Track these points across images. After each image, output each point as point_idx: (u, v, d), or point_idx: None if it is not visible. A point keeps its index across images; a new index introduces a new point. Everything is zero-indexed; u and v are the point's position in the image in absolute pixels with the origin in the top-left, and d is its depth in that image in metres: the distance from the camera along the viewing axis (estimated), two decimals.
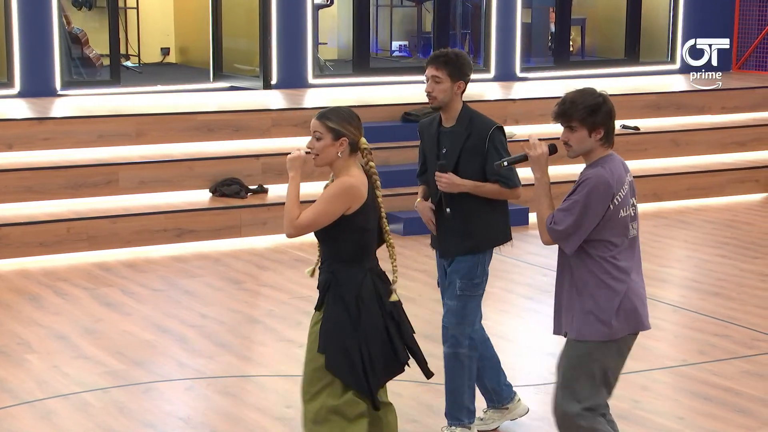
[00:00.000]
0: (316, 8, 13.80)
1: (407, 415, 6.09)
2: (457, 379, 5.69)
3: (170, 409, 6.30)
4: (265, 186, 10.52)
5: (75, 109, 11.15)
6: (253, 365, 7.08)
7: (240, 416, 6.18)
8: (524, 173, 5.60)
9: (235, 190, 10.33)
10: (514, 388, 6.07)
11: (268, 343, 7.52)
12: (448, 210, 5.59)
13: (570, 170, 8.65)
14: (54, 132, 10.29)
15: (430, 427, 5.99)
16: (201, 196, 10.34)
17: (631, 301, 4.74)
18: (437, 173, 5.56)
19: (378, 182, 4.71)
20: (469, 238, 5.60)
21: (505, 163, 5.04)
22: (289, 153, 4.66)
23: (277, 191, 10.42)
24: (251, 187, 10.46)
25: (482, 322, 7.06)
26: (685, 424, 6.11)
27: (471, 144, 5.54)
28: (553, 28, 15.60)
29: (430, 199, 5.73)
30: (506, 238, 5.78)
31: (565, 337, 4.80)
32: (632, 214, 4.74)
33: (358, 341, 4.59)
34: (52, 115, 10.79)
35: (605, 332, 4.68)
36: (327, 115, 4.63)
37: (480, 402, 5.97)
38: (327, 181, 4.74)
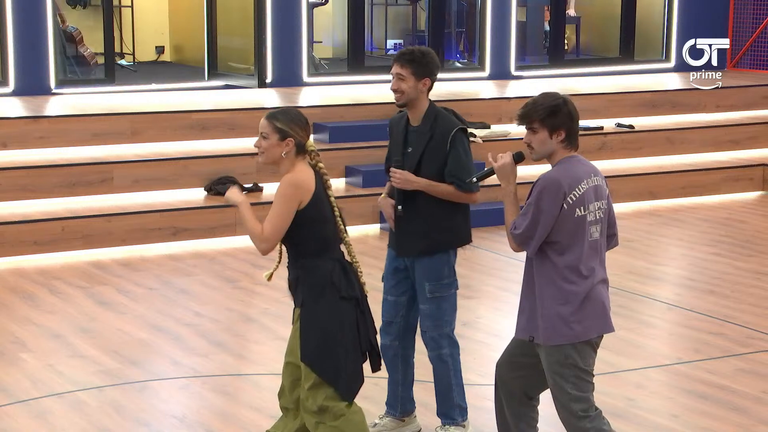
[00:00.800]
0: (311, 6, 13.80)
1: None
2: (444, 379, 5.69)
3: (165, 408, 6.30)
4: (260, 184, 10.52)
5: (69, 107, 11.14)
6: (248, 364, 7.08)
7: (235, 415, 6.18)
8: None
9: (230, 188, 10.31)
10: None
11: (263, 342, 7.52)
12: (399, 207, 5.58)
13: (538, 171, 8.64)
14: (48, 130, 10.29)
15: (425, 425, 5.99)
16: (196, 195, 10.33)
17: (594, 304, 4.73)
18: (392, 169, 5.56)
19: (329, 182, 4.81)
20: (424, 238, 5.54)
21: (475, 180, 5.09)
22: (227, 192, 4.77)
23: (272, 189, 10.42)
24: (246, 185, 10.45)
25: (476, 319, 7.06)
26: (680, 422, 6.12)
27: (433, 144, 5.51)
28: (547, 26, 15.61)
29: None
30: (465, 240, 5.69)
31: (530, 342, 4.81)
32: (597, 217, 4.74)
33: (336, 334, 4.69)
34: (47, 113, 10.79)
35: (572, 335, 4.70)
36: (276, 115, 4.73)
37: (425, 404, 5.98)
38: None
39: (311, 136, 4.81)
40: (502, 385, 5.00)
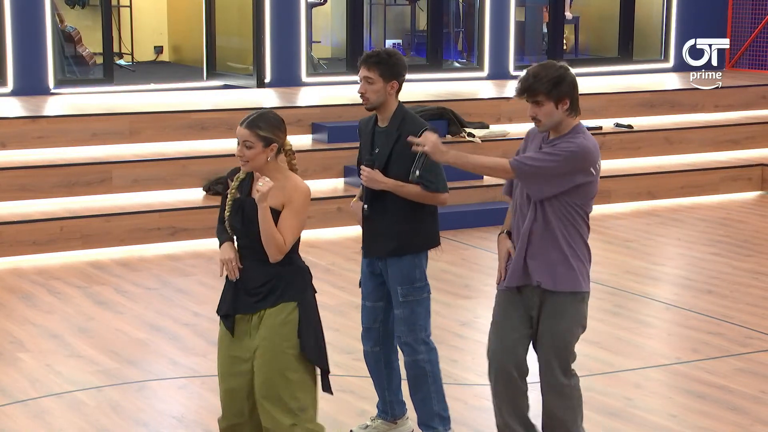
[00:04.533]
0: (310, 6, 13.80)
1: (357, 408, 6.07)
2: (423, 387, 5.58)
3: (163, 408, 6.30)
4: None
5: (68, 107, 11.14)
6: None
7: None
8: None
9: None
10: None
11: None
12: (365, 206, 5.54)
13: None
14: (47, 130, 10.29)
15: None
16: (195, 195, 10.33)
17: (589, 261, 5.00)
18: (362, 166, 5.50)
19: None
20: (392, 239, 5.47)
21: (417, 173, 5.09)
22: (259, 185, 4.62)
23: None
24: None
25: (474, 319, 7.05)
26: (678, 421, 6.12)
27: (400, 145, 5.41)
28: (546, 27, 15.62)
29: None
30: (433, 243, 5.60)
31: (537, 287, 4.89)
32: None
33: (321, 328, 4.76)
34: (46, 113, 10.78)
35: (587, 290, 4.92)
36: (256, 123, 4.68)
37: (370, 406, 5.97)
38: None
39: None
40: (503, 374, 4.99)
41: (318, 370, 4.75)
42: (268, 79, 12.85)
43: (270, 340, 4.65)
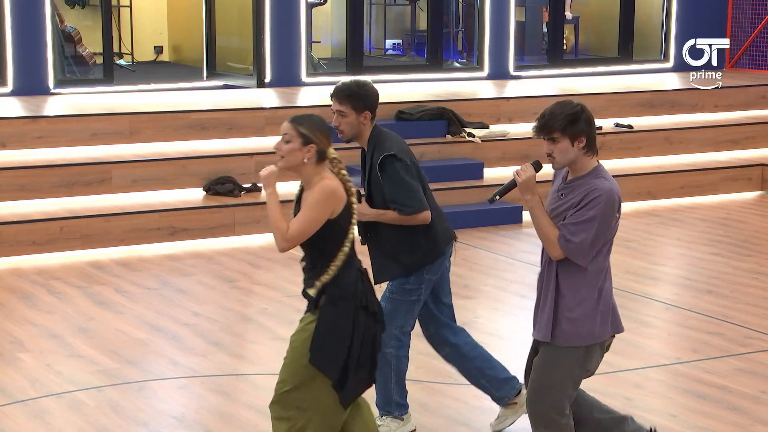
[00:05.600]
0: (310, 6, 13.80)
1: None
2: (386, 376, 5.71)
3: (163, 408, 6.30)
4: (258, 184, 10.52)
5: (68, 107, 11.13)
6: (246, 364, 7.07)
7: (233, 415, 6.17)
8: None
9: (228, 188, 10.32)
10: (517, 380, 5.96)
11: (261, 342, 7.52)
12: (360, 238, 5.60)
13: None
14: (47, 130, 10.29)
15: (424, 424, 5.99)
16: (194, 195, 10.33)
17: (607, 303, 4.81)
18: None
19: (353, 189, 4.74)
20: (395, 262, 5.58)
21: (498, 197, 5.00)
22: (263, 169, 4.68)
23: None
24: (245, 185, 10.45)
25: (474, 319, 7.06)
26: (678, 421, 6.12)
27: (373, 173, 5.54)
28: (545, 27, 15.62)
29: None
30: (435, 256, 5.65)
31: (542, 340, 4.86)
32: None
33: (350, 344, 4.64)
34: (45, 113, 10.78)
35: (598, 335, 4.77)
36: (300, 120, 4.68)
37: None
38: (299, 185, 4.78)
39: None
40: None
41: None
42: (268, 79, 12.85)
43: (291, 343, 4.73)
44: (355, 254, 4.77)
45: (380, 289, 5.66)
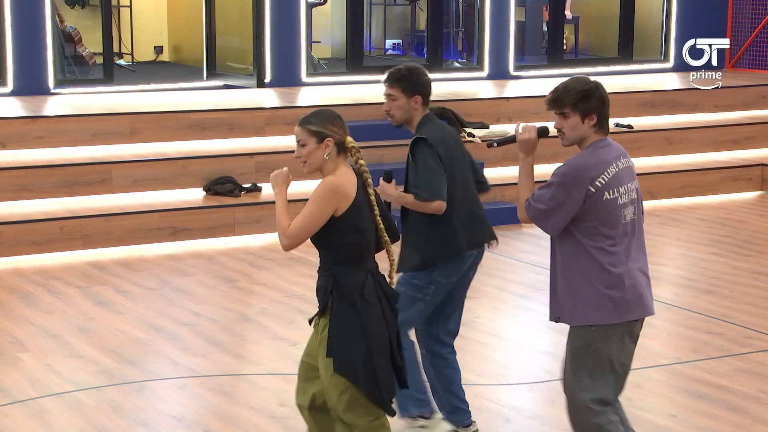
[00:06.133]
0: (310, 6, 13.80)
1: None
2: None
3: (163, 408, 6.30)
4: (258, 184, 10.52)
5: (68, 107, 11.13)
6: (246, 364, 7.07)
7: (233, 415, 6.17)
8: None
9: (228, 188, 10.32)
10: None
11: (261, 342, 7.52)
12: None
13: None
14: (47, 130, 10.29)
15: (423, 423, 5.98)
16: (195, 195, 10.33)
17: (628, 287, 4.67)
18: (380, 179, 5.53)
19: (369, 180, 4.63)
20: (416, 252, 5.49)
21: (495, 144, 5.05)
22: (276, 170, 4.66)
23: (270, 190, 10.40)
24: (245, 185, 10.45)
25: (474, 319, 7.04)
26: (678, 421, 6.12)
27: (409, 156, 5.54)
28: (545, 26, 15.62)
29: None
30: (451, 254, 5.52)
31: (556, 322, 4.81)
32: (629, 199, 4.71)
33: (367, 345, 4.52)
34: (46, 113, 10.78)
35: (599, 317, 4.65)
36: (308, 119, 4.58)
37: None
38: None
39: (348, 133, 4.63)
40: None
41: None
42: (268, 79, 12.85)
43: (321, 354, 4.59)
44: (371, 255, 4.64)
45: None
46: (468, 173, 5.71)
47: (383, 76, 5.59)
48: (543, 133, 4.78)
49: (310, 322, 4.76)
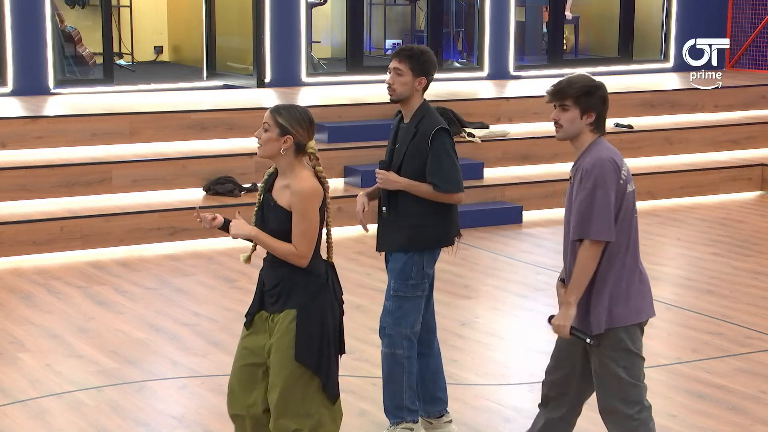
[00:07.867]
0: (310, 6, 13.80)
1: (357, 408, 6.08)
2: (397, 379, 5.63)
3: (163, 408, 6.30)
4: (258, 184, 10.50)
5: (68, 107, 11.14)
6: None
7: None
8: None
9: (228, 188, 10.32)
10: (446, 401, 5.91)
11: None
12: (384, 209, 5.59)
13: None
14: (47, 130, 10.29)
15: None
16: (194, 195, 10.33)
17: (642, 285, 4.76)
18: (376, 170, 5.57)
19: (327, 184, 4.70)
20: (400, 236, 5.54)
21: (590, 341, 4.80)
22: (232, 225, 4.80)
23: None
24: (245, 185, 10.45)
25: (474, 319, 7.04)
26: (678, 421, 6.12)
27: (416, 141, 5.50)
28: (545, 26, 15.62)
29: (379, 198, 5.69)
30: (443, 242, 5.62)
31: (590, 342, 4.67)
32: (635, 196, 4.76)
33: (327, 336, 4.64)
34: (46, 113, 10.78)
35: (624, 317, 4.65)
36: (280, 110, 4.63)
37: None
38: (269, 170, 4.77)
39: (314, 138, 4.69)
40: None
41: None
42: (268, 79, 12.85)
43: (278, 349, 4.63)
44: (325, 247, 4.74)
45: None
46: None
47: (394, 52, 5.62)
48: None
49: (249, 318, 4.79)
